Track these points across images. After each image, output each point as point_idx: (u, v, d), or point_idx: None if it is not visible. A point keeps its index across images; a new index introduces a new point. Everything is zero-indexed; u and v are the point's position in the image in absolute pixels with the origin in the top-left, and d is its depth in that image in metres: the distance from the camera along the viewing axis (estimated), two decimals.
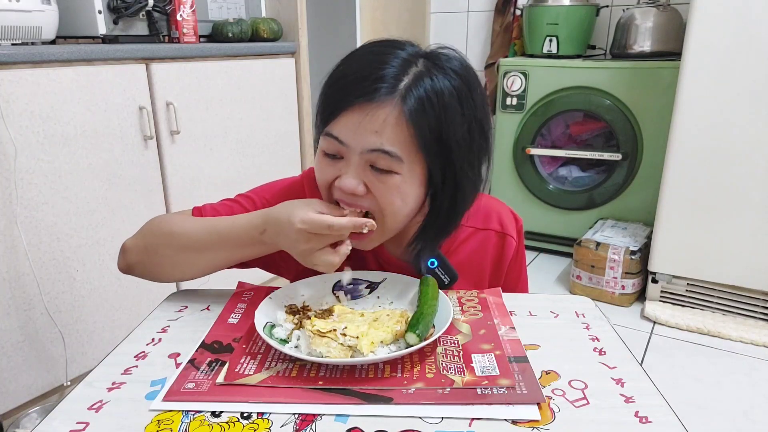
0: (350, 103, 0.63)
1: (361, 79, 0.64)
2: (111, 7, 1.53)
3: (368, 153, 0.64)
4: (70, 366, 1.47)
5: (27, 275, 1.35)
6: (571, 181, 2.49)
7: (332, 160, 0.67)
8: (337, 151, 0.66)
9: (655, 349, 1.80)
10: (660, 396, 0.55)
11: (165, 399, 0.54)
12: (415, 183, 0.67)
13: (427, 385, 0.55)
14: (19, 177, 1.30)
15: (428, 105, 0.63)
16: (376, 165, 0.65)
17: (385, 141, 0.63)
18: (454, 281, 0.77)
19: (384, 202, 0.66)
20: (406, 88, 0.63)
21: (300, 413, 0.51)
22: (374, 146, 0.63)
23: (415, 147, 0.64)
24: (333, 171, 0.67)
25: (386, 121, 0.63)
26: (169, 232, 0.73)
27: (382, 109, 0.63)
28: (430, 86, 0.63)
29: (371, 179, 0.66)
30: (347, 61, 0.68)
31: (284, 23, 2.01)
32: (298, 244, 0.64)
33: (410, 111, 0.63)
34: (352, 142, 0.64)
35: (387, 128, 0.63)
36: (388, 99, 0.63)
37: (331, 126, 0.65)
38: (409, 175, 0.66)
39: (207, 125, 1.73)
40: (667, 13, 2.19)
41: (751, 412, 1.49)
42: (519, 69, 2.38)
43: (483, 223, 0.82)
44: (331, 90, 0.67)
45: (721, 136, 1.78)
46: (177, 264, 0.73)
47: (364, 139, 0.63)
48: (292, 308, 0.67)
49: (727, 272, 1.88)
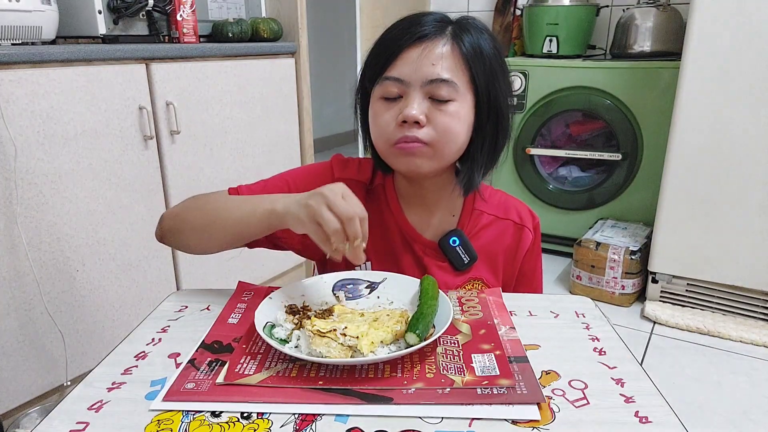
0: (406, 45, 0.72)
1: (410, 27, 0.72)
2: (111, 7, 1.53)
3: (428, 84, 0.71)
4: (70, 366, 1.47)
5: (27, 275, 1.35)
6: (571, 181, 2.49)
7: (392, 103, 0.74)
8: (398, 91, 0.73)
9: (655, 349, 1.80)
10: (660, 396, 0.55)
11: (165, 399, 0.54)
12: (467, 110, 0.74)
13: (427, 385, 0.55)
14: (19, 177, 1.30)
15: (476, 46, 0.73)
16: (434, 95, 0.72)
17: (443, 71, 0.71)
18: (473, 261, 0.83)
19: (443, 129, 0.73)
20: (453, 32, 0.73)
21: (300, 413, 0.51)
22: (433, 76, 0.71)
23: (467, 78, 0.73)
24: (394, 112, 0.73)
25: (443, 53, 0.71)
26: (204, 203, 0.79)
27: (437, 43, 0.72)
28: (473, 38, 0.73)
29: (431, 110, 0.72)
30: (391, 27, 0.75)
31: (284, 23, 2.01)
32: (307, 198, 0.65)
33: (463, 47, 0.72)
34: (412, 77, 0.71)
35: (444, 59, 0.71)
36: (440, 36, 0.72)
37: (389, 70, 0.73)
38: (463, 102, 0.73)
39: (207, 125, 1.73)
40: (667, 13, 2.19)
41: (751, 412, 1.49)
42: (519, 69, 2.38)
43: (504, 213, 0.86)
44: (380, 46, 0.75)
45: (721, 136, 1.78)
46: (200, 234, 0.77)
47: (423, 71, 0.71)
48: (292, 308, 0.67)
49: (727, 272, 1.88)
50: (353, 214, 0.63)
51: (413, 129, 0.72)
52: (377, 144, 0.78)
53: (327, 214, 0.62)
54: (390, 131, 0.74)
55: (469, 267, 0.83)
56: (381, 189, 0.86)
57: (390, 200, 0.85)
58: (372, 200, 0.85)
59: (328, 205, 0.63)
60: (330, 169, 0.86)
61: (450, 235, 0.82)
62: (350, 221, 0.63)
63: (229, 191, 0.84)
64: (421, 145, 0.73)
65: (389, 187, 0.85)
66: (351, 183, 0.83)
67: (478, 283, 0.84)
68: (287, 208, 0.67)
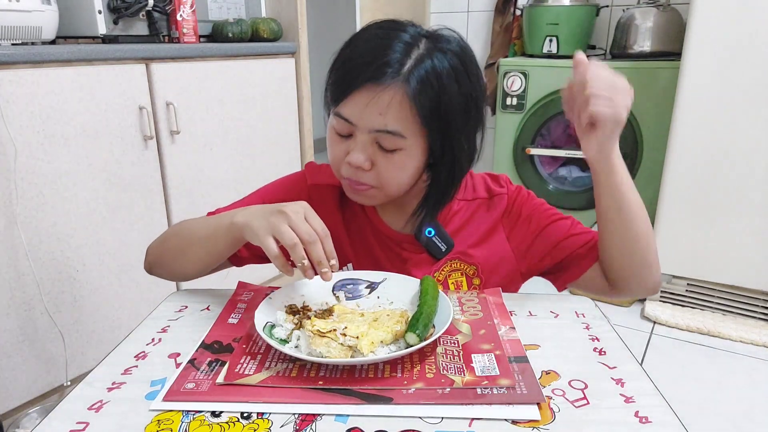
0: (357, 86, 0.69)
1: (367, 63, 0.69)
2: (111, 7, 1.53)
3: (374, 133, 0.70)
4: (70, 366, 1.47)
5: (27, 275, 1.35)
6: (572, 181, 2.49)
7: (342, 139, 0.74)
8: (347, 130, 0.72)
9: (655, 349, 1.80)
10: (660, 396, 0.55)
11: (165, 399, 0.54)
12: (416, 155, 0.73)
13: (427, 385, 0.55)
14: (19, 177, 1.30)
15: (429, 86, 0.69)
16: (381, 144, 0.71)
17: (389, 121, 0.69)
18: (450, 248, 0.83)
19: (387, 177, 0.73)
20: (409, 71, 0.68)
21: (300, 413, 0.51)
22: (379, 127, 0.69)
23: (418, 124, 0.70)
24: (343, 148, 0.74)
25: (390, 103, 0.68)
26: (178, 229, 0.81)
27: (386, 92, 0.68)
28: (431, 67, 0.69)
29: (377, 156, 0.72)
30: (353, 43, 0.73)
31: (284, 23, 2.01)
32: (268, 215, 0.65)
33: (413, 92, 0.68)
34: (359, 123, 0.70)
35: (391, 110, 0.68)
36: (392, 82, 0.68)
37: (341, 107, 0.71)
38: (412, 149, 0.72)
39: (207, 125, 1.73)
40: (667, 13, 2.19)
41: (751, 412, 1.49)
42: (519, 69, 2.38)
43: (472, 195, 0.86)
44: (339, 72, 0.72)
45: (721, 136, 1.78)
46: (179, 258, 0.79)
47: (370, 120, 0.69)
48: (292, 308, 0.67)
49: (727, 272, 1.88)
50: (315, 238, 0.63)
51: (358, 172, 0.73)
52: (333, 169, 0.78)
53: (286, 229, 0.63)
54: (339, 166, 0.75)
55: (446, 254, 0.83)
56: None
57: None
58: (347, 201, 0.85)
59: (290, 224, 0.63)
60: (303, 177, 0.88)
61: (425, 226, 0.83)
62: (312, 245, 0.63)
63: (207, 215, 0.85)
64: (368, 188, 0.74)
65: None
66: (324, 188, 0.85)
67: (456, 261, 0.83)
68: (246, 220, 0.68)
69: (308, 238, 0.63)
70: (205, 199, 1.76)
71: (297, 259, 0.63)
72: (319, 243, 0.64)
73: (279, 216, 0.64)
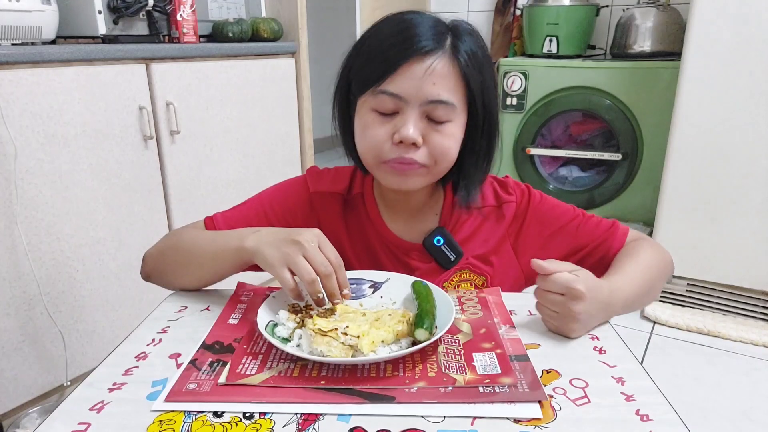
0: (406, 59, 0.67)
1: (409, 38, 0.68)
2: (111, 7, 1.53)
3: (427, 104, 0.69)
4: (70, 366, 1.46)
5: (27, 275, 1.35)
6: (572, 181, 2.49)
7: (385, 118, 0.71)
8: (393, 107, 0.70)
9: (655, 349, 1.80)
10: (660, 394, 0.55)
11: (167, 399, 0.54)
12: (461, 128, 0.73)
13: (429, 384, 0.55)
14: (19, 177, 1.29)
15: (474, 60, 0.70)
16: (432, 116, 0.70)
17: (443, 91, 0.68)
18: (459, 257, 0.82)
19: (439, 151, 0.71)
20: (452, 45, 0.70)
21: (302, 413, 0.51)
22: (434, 97, 0.68)
23: (464, 96, 0.71)
24: (387, 129, 0.70)
25: (443, 73, 0.68)
26: (178, 241, 0.79)
27: (438, 61, 0.68)
28: (467, 45, 0.70)
29: (427, 130, 0.70)
30: (378, 29, 0.72)
31: (284, 23, 2.01)
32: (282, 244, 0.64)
33: (463, 64, 0.69)
34: (411, 96, 0.68)
35: (444, 80, 0.68)
36: (441, 51, 0.68)
37: (387, 84, 0.68)
38: (458, 121, 0.72)
39: (207, 125, 1.73)
40: (667, 13, 2.19)
41: (751, 412, 1.49)
42: (519, 69, 2.38)
43: (481, 202, 0.85)
44: (376, 52, 0.70)
45: (721, 136, 1.79)
46: (181, 272, 0.77)
47: (424, 90, 0.68)
48: (294, 307, 0.67)
49: (727, 272, 1.89)
50: (330, 271, 0.63)
51: (410, 150, 0.70)
52: (365, 157, 0.75)
53: (303, 263, 0.62)
54: (383, 149, 0.71)
55: (455, 264, 0.82)
56: (360, 198, 0.84)
57: (369, 209, 0.83)
58: (351, 210, 0.84)
59: (305, 256, 0.62)
60: (304, 183, 0.85)
61: (434, 234, 0.81)
62: (328, 278, 0.63)
63: (205, 221, 0.83)
64: (417, 167, 0.71)
65: (368, 195, 0.84)
66: (327, 196, 0.83)
67: (466, 272, 0.82)
68: (258, 247, 0.67)
69: (324, 271, 0.62)
70: (205, 199, 1.76)
71: (312, 293, 0.63)
72: (334, 276, 0.63)
73: (293, 247, 0.63)
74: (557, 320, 0.64)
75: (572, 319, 0.63)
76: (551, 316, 0.65)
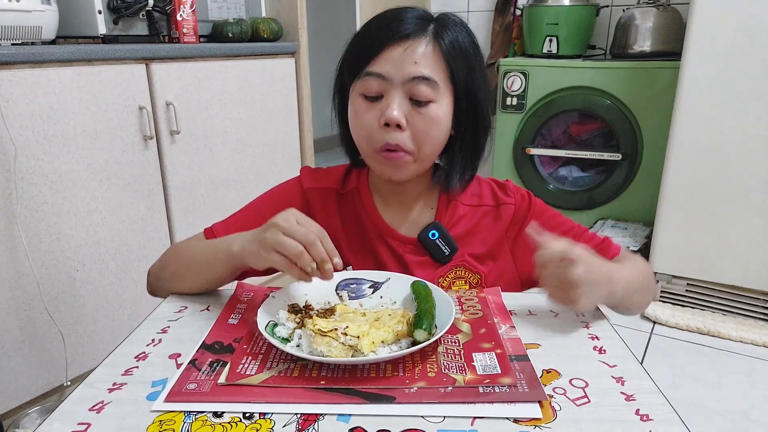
0: (388, 42, 0.72)
1: (393, 23, 0.72)
2: (111, 7, 1.53)
3: (409, 82, 0.71)
4: (70, 366, 1.47)
5: (27, 275, 1.35)
6: (572, 181, 2.49)
7: (372, 103, 0.74)
8: (378, 89, 0.73)
9: (655, 349, 1.80)
10: (660, 394, 0.55)
11: (167, 400, 0.54)
12: (446, 111, 0.75)
13: (429, 384, 0.55)
14: (19, 177, 1.29)
15: (457, 47, 0.74)
16: (415, 95, 0.72)
17: (424, 69, 0.71)
18: (454, 253, 0.82)
19: (423, 134, 0.74)
20: (435, 31, 0.73)
21: (302, 413, 0.51)
22: (415, 74, 0.71)
23: (447, 78, 0.73)
24: (374, 114, 0.74)
25: (424, 52, 0.72)
26: (178, 252, 0.81)
27: (419, 43, 0.72)
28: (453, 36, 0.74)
29: (411, 113, 0.73)
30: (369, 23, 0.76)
31: (284, 23, 2.01)
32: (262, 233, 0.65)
33: (445, 47, 0.73)
34: (393, 74, 0.71)
35: (425, 59, 0.72)
36: (422, 35, 0.72)
37: (371, 66, 0.72)
38: (442, 101, 0.74)
39: (207, 125, 1.73)
40: (667, 13, 2.19)
41: (751, 412, 1.49)
42: (519, 69, 2.38)
43: (478, 200, 0.86)
44: (362, 40, 0.75)
45: (721, 136, 1.79)
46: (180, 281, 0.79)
47: (405, 69, 0.71)
48: (294, 307, 0.67)
49: (727, 272, 1.89)
50: (314, 238, 0.63)
51: (395, 133, 0.72)
52: (360, 145, 0.78)
53: (285, 239, 0.62)
54: (373, 134, 0.74)
55: (450, 258, 0.82)
56: (356, 192, 0.85)
57: (366, 202, 0.84)
58: (346, 204, 0.85)
59: (285, 233, 0.63)
60: (298, 182, 0.87)
61: (429, 228, 0.82)
62: (313, 245, 0.62)
63: (205, 232, 0.84)
64: (404, 154, 0.74)
65: (363, 188, 0.85)
66: (321, 191, 0.85)
67: (461, 269, 0.83)
68: (242, 247, 0.68)
69: (307, 239, 0.62)
70: (205, 199, 1.76)
71: (305, 265, 0.62)
72: (319, 243, 0.63)
73: (272, 230, 0.63)
74: (560, 290, 0.65)
75: (574, 286, 0.63)
76: (554, 286, 0.65)
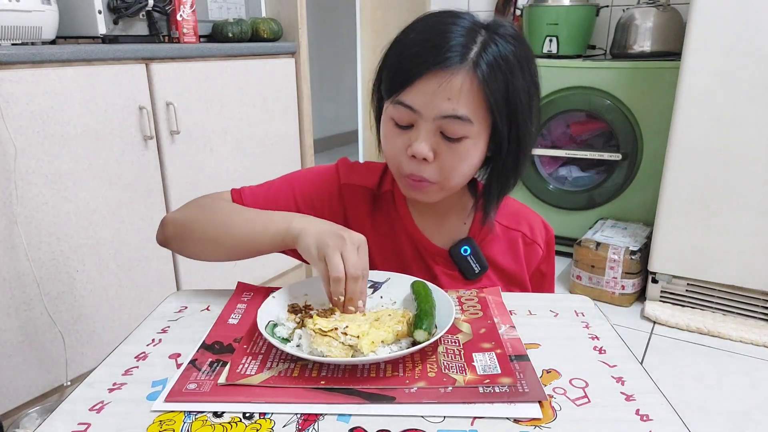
0: (422, 73, 0.66)
1: (432, 48, 0.66)
2: (111, 7, 1.53)
3: (440, 119, 0.67)
4: (70, 366, 1.46)
5: (27, 275, 1.35)
6: (572, 181, 2.49)
7: (401, 131, 0.70)
8: (408, 119, 0.69)
9: (655, 349, 1.80)
10: (660, 394, 0.55)
11: (167, 400, 0.54)
12: (480, 145, 0.71)
13: (429, 384, 0.55)
14: (19, 177, 1.29)
15: (498, 70, 0.67)
16: (446, 132, 0.68)
17: (459, 106, 0.66)
18: (484, 271, 0.81)
19: (450, 168, 0.70)
20: (477, 55, 0.66)
21: (302, 413, 0.51)
22: (447, 112, 0.66)
23: (485, 110, 0.68)
24: (404, 140, 0.70)
25: (461, 88, 0.66)
26: (210, 213, 0.77)
27: (455, 77, 0.65)
28: (497, 53, 0.67)
29: (441, 146, 0.69)
30: (411, 30, 0.70)
31: (284, 23, 2.01)
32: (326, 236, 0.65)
33: (483, 77, 0.66)
34: (425, 110, 0.67)
35: (461, 95, 0.66)
36: (461, 67, 0.66)
37: (404, 95, 0.68)
38: (477, 137, 0.69)
39: (207, 125, 1.73)
40: (667, 13, 2.19)
41: (751, 412, 1.49)
42: None
43: (515, 224, 0.85)
44: (400, 59, 0.69)
45: (721, 136, 1.79)
46: (210, 246, 0.76)
47: (437, 106, 0.66)
48: (294, 307, 0.67)
49: (727, 272, 1.89)
50: (359, 275, 0.63)
51: (421, 165, 0.70)
52: (389, 163, 0.76)
53: (337, 259, 0.62)
54: (400, 161, 0.72)
55: (479, 277, 0.81)
56: (390, 195, 0.84)
57: (399, 206, 0.83)
58: (380, 206, 0.83)
59: (342, 252, 0.63)
60: (336, 174, 0.84)
61: (461, 243, 0.81)
62: (354, 280, 0.63)
63: (232, 193, 0.82)
64: (428, 184, 0.72)
65: (399, 193, 0.83)
66: (357, 189, 0.82)
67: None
68: (303, 232, 0.67)
69: (354, 273, 0.62)
70: None
71: (335, 292, 0.63)
72: (360, 282, 0.63)
73: (336, 240, 0.63)
74: None
75: None
76: None
